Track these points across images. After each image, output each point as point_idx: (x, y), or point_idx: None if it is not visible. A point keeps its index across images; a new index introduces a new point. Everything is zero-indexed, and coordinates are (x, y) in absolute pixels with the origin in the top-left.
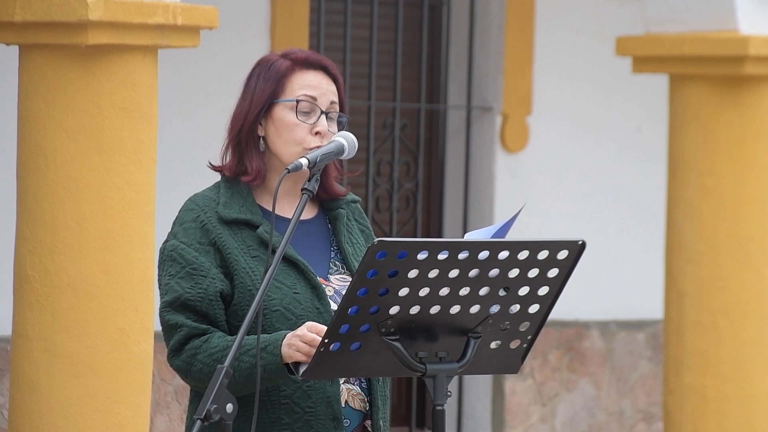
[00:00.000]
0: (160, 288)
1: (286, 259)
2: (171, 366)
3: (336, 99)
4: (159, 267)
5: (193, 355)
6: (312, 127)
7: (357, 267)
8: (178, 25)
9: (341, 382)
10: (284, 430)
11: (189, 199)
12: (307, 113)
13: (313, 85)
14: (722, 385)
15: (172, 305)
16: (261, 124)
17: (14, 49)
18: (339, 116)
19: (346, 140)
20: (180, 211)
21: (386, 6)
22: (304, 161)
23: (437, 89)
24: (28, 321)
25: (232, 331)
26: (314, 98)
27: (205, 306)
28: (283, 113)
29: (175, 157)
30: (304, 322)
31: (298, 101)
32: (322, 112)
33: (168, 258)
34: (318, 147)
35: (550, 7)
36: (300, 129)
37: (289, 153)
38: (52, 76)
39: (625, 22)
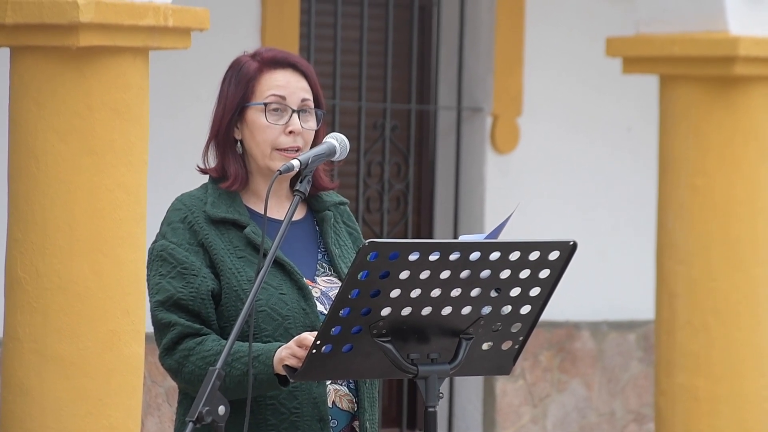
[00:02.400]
0: (149, 288)
1: (273, 260)
2: (162, 365)
3: (308, 95)
4: (148, 267)
5: (185, 356)
6: (285, 127)
7: (345, 269)
8: (169, 26)
9: (328, 383)
10: (270, 431)
11: (177, 199)
12: (278, 113)
13: (282, 85)
14: (714, 385)
15: (164, 304)
16: (237, 128)
17: (5, 52)
18: (315, 111)
19: (338, 141)
20: (168, 211)
21: (376, 7)
22: (296, 162)
23: (427, 90)
24: (19, 323)
25: (221, 332)
26: (283, 98)
27: (197, 305)
28: (254, 116)
29: (165, 158)
30: (291, 323)
31: (266, 104)
32: (293, 111)
33: (158, 258)
34: (293, 147)
35: (540, 7)
36: (272, 130)
37: (262, 155)
38: (43, 78)
39: (616, 22)
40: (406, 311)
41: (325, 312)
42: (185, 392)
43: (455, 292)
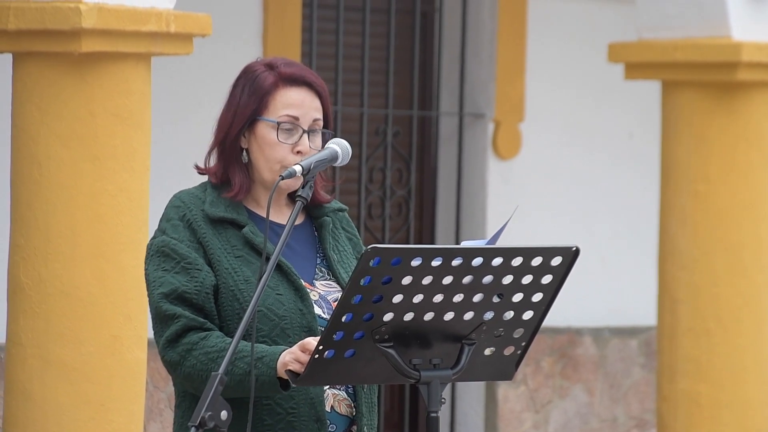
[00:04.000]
0: (150, 282)
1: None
2: (163, 357)
3: (320, 115)
4: (147, 262)
5: (188, 350)
6: (293, 146)
7: (344, 274)
8: (171, 32)
9: (327, 388)
10: (267, 431)
11: (175, 196)
12: (289, 133)
13: (296, 104)
14: (716, 391)
15: (168, 296)
16: (245, 136)
17: (8, 57)
18: (323, 131)
19: (340, 147)
20: (166, 207)
21: (378, 13)
22: (298, 168)
23: (429, 96)
24: (21, 328)
25: (220, 330)
26: (296, 118)
27: (201, 299)
28: (265, 131)
29: (167, 163)
30: (287, 323)
31: (279, 123)
32: (303, 132)
33: (159, 253)
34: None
35: (542, 14)
36: (281, 148)
37: (269, 170)
38: (46, 83)
39: (617, 30)
40: (409, 317)
41: (324, 316)
42: (184, 394)
43: (458, 298)
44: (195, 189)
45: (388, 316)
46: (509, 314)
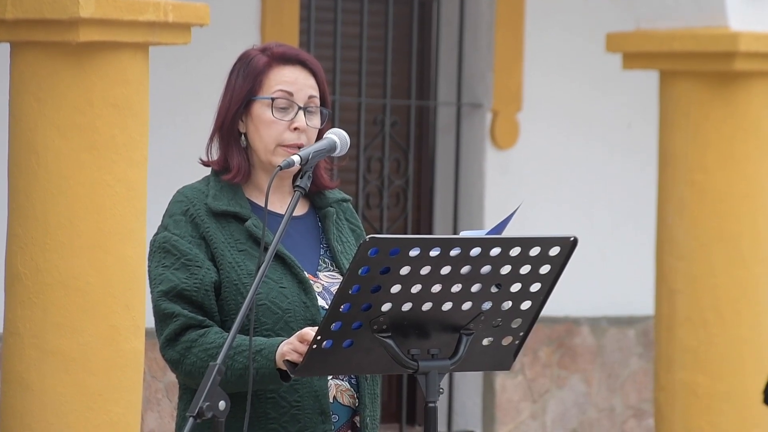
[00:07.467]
0: (151, 279)
1: (274, 254)
2: (163, 356)
3: (315, 93)
4: (150, 258)
5: (188, 348)
6: (290, 123)
7: (347, 265)
8: (169, 22)
9: (330, 378)
10: (271, 425)
11: (178, 191)
12: (285, 109)
13: (290, 81)
14: (713, 381)
15: (167, 294)
16: (242, 121)
17: (5, 47)
18: (321, 109)
19: (338, 137)
20: (170, 203)
21: (376, 3)
22: (296, 158)
23: (427, 86)
24: (19, 318)
25: (222, 326)
26: (291, 94)
27: (201, 297)
28: (260, 110)
29: (165, 154)
30: (291, 316)
31: (273, 99)
32: (299, 108)
33: (160, 249)
34: (296, 144)
35: (540, 3)
36: (277, 126)
37: (266, 149)
38: (44, 73)
39: (615, 19)
40: (407, 307)
41: (327, 307)
42: (186, 387)
43: (456, 288)
44: (198, 183)
45: (386, 306)
46: (507, 304)
